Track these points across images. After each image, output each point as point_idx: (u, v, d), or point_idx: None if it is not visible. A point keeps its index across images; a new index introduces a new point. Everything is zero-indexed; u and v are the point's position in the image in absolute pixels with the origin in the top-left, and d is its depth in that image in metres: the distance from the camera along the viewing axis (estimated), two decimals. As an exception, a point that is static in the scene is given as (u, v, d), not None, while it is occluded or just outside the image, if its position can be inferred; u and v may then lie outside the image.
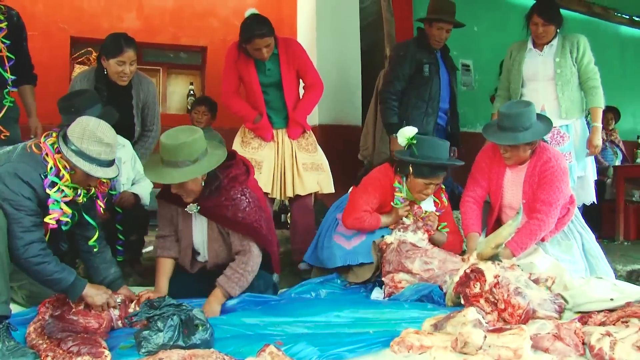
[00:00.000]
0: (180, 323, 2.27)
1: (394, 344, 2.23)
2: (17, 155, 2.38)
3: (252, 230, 2.80)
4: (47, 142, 2.42)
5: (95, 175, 2.41)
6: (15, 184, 2.30)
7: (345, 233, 3.33)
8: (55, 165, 2.39)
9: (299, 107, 3.86)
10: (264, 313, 2.70)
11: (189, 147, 2.62)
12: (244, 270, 2.78)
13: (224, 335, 2.42)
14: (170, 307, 2.33)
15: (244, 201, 2.76)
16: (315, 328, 2.54)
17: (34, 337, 2.24)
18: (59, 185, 2.38)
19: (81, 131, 2.39)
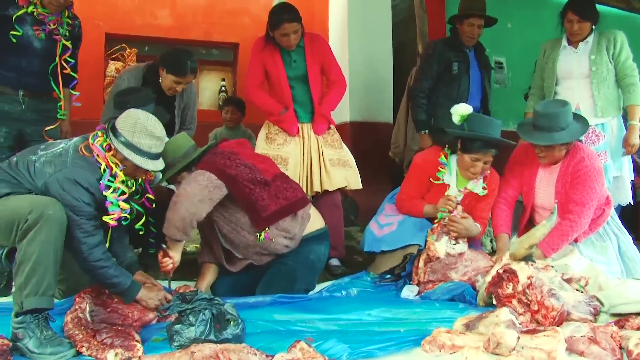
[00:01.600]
0: (212, 317, 2.29)
1: (425, 343, 2.21)
2: (71, 159, 2.42)
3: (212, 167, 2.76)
4: (97, 142, 2.47)
5: (146, 167, 2.48)
6: (75, 190, 2.35)
7: (380, 221, 3.35)
8: (107, 165, 2.44)
9: (325, 101, 3.84)
10: (295, 310, 2.70)
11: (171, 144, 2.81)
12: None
13: (255, 331, 2.44)
14: (202, 301, 2.35)
15: (207, 157, 2.81)
16: (346, 326, 2.55)
17: (71, 327, 2.28)
18: (113, 186, 2.43)
19: (132, 125, 2.46)
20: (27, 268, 2.19)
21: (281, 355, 1.99)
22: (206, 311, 2.29)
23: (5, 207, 2.30)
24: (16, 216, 2.24)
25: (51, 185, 2.34)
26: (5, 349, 2.10)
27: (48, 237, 2.22)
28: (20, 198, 2.33)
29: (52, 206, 2.26)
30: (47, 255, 2.22)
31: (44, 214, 2.21)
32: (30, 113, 3.33)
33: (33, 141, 3.32)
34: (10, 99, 3.27)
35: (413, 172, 3.38)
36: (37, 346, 2.16)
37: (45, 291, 2.22)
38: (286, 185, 2.95)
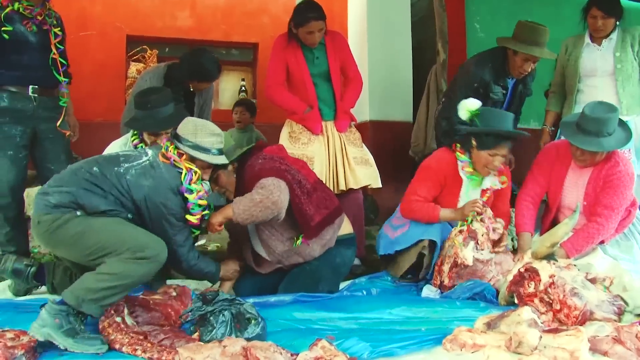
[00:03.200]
0: (231, 318, 2.31)
1: (446, 342, 2.21)
2: (166, 170, 2.55)
3: (274, 173, 2.76)
4: (170, 151, 2.59)
5: (214, 162, 2.63)
6: (176, 199, 2.54)
7: (394, 223, 3.32)
8: (187, 170, 2.56)
9: (345, 98, 3.85)
10: (315, 308, 2.72)
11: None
12: (254, 191, 2.71)
13: (275, 329, 2.45)
14: (223, 302, 2.38)
15: (256, 160, 2.85)
16: (366, 324, 2.55)
17: (111, 332, 2.29)
18: (194, 189, 2.56)
19: (193, 127, 2.62)
20: (112, 283, 2.28)
21: (304, 353, 2.00)
22: (225, 312, 2.31)
23: (115, 232, 2.39)
24: (128, 244, 2.34)
25: (153, 196, 2.49)
26: (33, 345, 2.14)
27: (147, 274, 2.40)
28: (135, 229, 2.45)
29: (164, 249, 2.43)
30: (134, 284, 2.36)
31: (157, 255, 2.38)
32: (42, 110, 3.41)
33: (47, 139, 3.44)
34: (22, 97, 3.34)
35: (426, 173, 3.26)
36: (71, 336, 2.19)
37: (106, 305, 2.30)
38: (324, 195, 2.97)
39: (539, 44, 3.60)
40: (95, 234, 2.37)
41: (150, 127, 3.05)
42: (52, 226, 2.40)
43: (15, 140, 3.33)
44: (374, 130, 5.21)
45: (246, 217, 2.69)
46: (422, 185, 3.24)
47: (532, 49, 3.58)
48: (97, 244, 2.36)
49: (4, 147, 3.31)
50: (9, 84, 3.32)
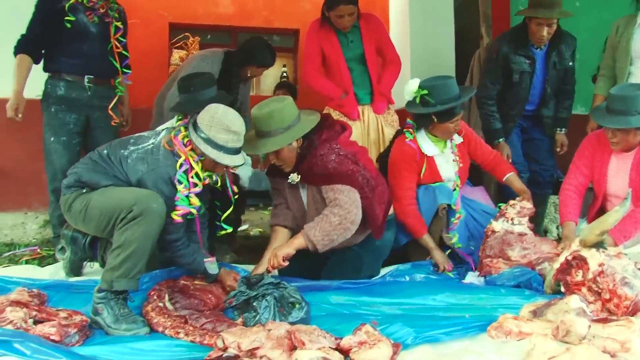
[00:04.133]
0: (275, 302, 2.33)
1: (491, 329, 2.18)
2: (163, 157, 2.51)
3: (346, 179, 2.66)
4: (179, 137, 2.54)
5: (221, 162, 2.49)
6: (168, 190, 2.47)
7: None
8: (186, 160, 2.50)
9: (383, 80, 3.82)
10: (359, 293, 2.72)
11: (280, 113, 2.64)
12: (329, 212, 2.64)
13: (319, 314, 2.47)
14: (268, 285, 2.39)
15: (333, 154, 2.69)
16: (410, 310, 2.55)
17: (154, 316, 2.35)
18: (185, 182, 2.49)
19: (210, 119, 2.49)
20: (125, 254, 2.33)
21: (348, 337, 2.00)
22: (269, 297, 2.33)
23: (108, 198, 2.44)
24: (118, 207, 2.38)
25: (146, 182, 2.46)
26: (85, 324, 2.23)
27: (149, 230, 2.36)
28: (123, 190, 2.46)
29: (156, 200, 2.39)
30: (145, 245, 2.36)
31: (149, 208, 2.35)
32: (96, 99, 3.52)
33: (98, 128, 3.56)
34: (78, 86, 3.47)
35: (397, 168, 3.26)
36: (113, 321, 2.29)
37: (135, 275, 2.36)
38: (382, 188, 2.94)
39: (548, 5, 3.57)
40: (96, 205, 2.45)
41: (191, 110, 3.03)
42: (65, 206, 2.55)
43: (69, 127, 3.46)
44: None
45: (327, 242, 2.63)
46: (401, 182, 3.23)
47: (539, 11, 3.58)
48: (99, 214, 2.44)
49: (58, 133, 3.45)
50: (67, 72, 3.45)
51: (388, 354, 1.95)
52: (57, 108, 3.44)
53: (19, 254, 3.68)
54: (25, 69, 3.39)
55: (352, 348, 1.97)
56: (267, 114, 2.64)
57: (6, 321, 2.11)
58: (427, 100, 3.14)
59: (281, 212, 2.95)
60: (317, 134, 2.73)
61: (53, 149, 3.45)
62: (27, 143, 4.41)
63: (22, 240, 4.10)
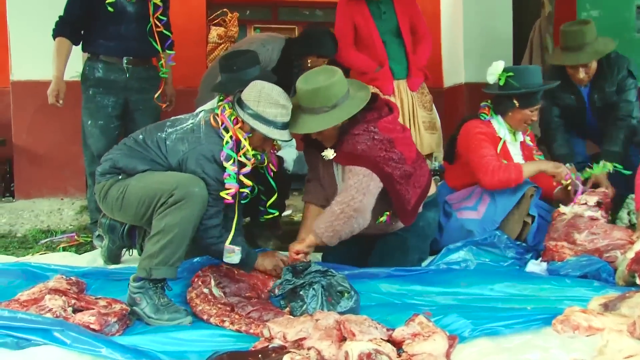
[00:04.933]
0: (322, 291, 2.33)
1: (556, 323, 2.11)
2: (205, 135, 2.53)
3: (369, 164, 2.61)
4: (225, 114, 2.56)
5: (272, 137, 2.53)
6: (211, 167, 2.48)
7: (467, 205, 3.27)
8: (234, 136, 2.52)
9: (419, 52, 3.80)
10: (410, 282, 2.71)
11: (327, 91, 2.59)
12: (334, 201, 2.63)
13: (369, 304, 2.46)
14: (315, 273, 2.40)
15: (367, 137, 2.64)
16: (466, 301, 2.52)
17: (199, 303, 2.37)
18: (234, 158, 2.51)
19: (257, 94, 2.51)
20: (165, 240, 2.34)
21: (401, 329, 1.98)
22: (316, 285, 2.34)
23: (147, 183, 2.46)
24: (159, 191, 2.39)
25: (188, 162, 2.48)
26: (125, 313, 2.26)
27: (191, 214, 2.37)
28: (163, 174, 2.48)
29: (197, 183, 2.41)
30: (185, 231, 2.37)
31: (190, 192, 2.37)
32: (134, 81, 3.56)
33: (137, 110, 3.60)
34: (116, 68, 3.51)
35: (475, 140, 3.23)
36: (154, 312, 2.31)
37: (174, 262, 2.37)
38: (421, 171, 2.88)
39: (575, 48, 3.50)
40: (134, 192, 2.46)
41: (233, 90, 3.04)
42: (101, 194, 2.56)
43: (107, 110, 3.52)
44: (469, 94, 5.11)
45: (331, 234, 2.61)
46: (485, 148, 3.20)
47: (566, 57, 3.55)
48: (137, 201, 2.44)
49: (95, 117, 3.52)
50: (105, 53, 3.51)
51: (444, 347, 1.91)
52: (95, 91, 3.51)
53: (56, 241, 3.80)
54: (65, 52, 3.47)
55: (405, 340, 1.95)
56: (313, 91, 2.61)
57: (45, 309, 2.16)
58: (511, 83, 3.20)
59: (314, 189, 2.97)
60: (362, 113, 2.68)
61: (90, 132, 3.53)
62: (63, 126, 4.53)
63: (59, 227, 4.22)
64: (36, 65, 4.37)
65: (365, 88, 2.77)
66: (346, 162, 2.67)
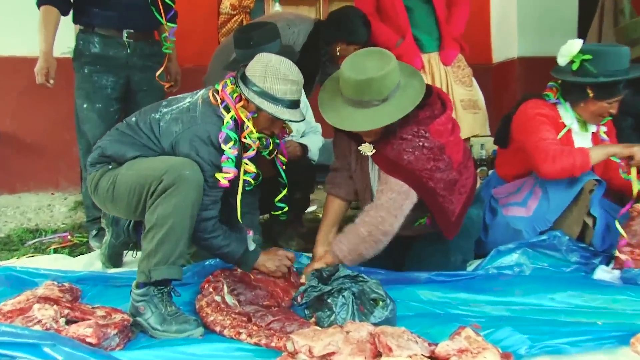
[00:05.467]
0: (353, 299, 2.32)
1: (636, 342, 2.08)
2: (201, 114, 2.54)
3: (414, 180, 2.61)
4: (227, 90, 2.57)
5: (281, 117, 2.53)
6: (206, 150, 2.49)
7: (516, 200, 3.26)
8: (237, 116, 2.53)
9: (453, 21, 3.75)
10: (455, 289, 2.71)
11: (380, 83, 2.53)
12: (360, 221, 2.64)
13: (407, 314, 2.47)
14: (343, 279, 2.39)
15: (415, 144, 2.62)
16: (522, 312, 2.50)
17: (210, 313, 2.37)
18: (235, 140, 2.51)
19: (263, 69, 2.51)
20: (161, 234, 2.34)
21: (445, 343, 1.96)
22: (346, 292, 2.33)
23: (134, 171, 2.47)
24: (148, 178, 2.40)
25: (180, 145, 2.49)
26: (127, 324, 2.26)
27: (185, 201, 2.36)
28: (152, 160, 2.50)
29: (190, 166, 2.41)
30: (182, 220, 2.36)
31: (181, 175, 2.36)
32: (137, 58, 3.56)
33: (141, 91, 3.59)
34: (115, 42, 3.50)
35: (534, 122, 3.17)
36: (160, 322, 2.31)
37: (176, 260, 2.37)
38: (467, 173, 2.87)
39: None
40: (123, 181, 2.48)
41: None
42: (92, 186, 2.59)
43: (106, 91, 3.52)
44: (523, 70, 5.07)
45: (355, 257, 2.65)
46: (545, 131, 3.13)
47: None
48: (128, 191, 2.47)
49: (92, 100, 3.50)
50: (102, 26, 3.49)
51: (496, 366, 1.90)
52: (90, 69, 3.50)
53: (46, 242, 3.83)
54: (52, 23, 3.45)
55: (450, 357, 1.93)
56: (365, 83, 2.52)
57: (34, 321, 2.16)
58: (586, 69, 3.10)
59: (341, 180, 2.97)
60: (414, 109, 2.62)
61: (86, 117, 3.52)
62: (54, 110, 4.57)
63: (49, 225, 4.26)
64: (20, 38, 4.39)
65: (417, 75, 2.72)
66: (386, 170, 2.67)
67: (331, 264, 2.62)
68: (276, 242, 3.51)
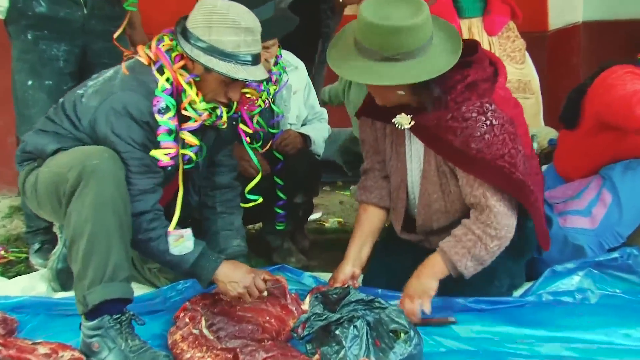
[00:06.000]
0: (368, 330, 2.32)
1: None
2: (120, 81, 2.51)
3: (495, 172, 2.62)
4: (162, 47, 2.54)
5: (235, 76, 2.47)
6: (125, 125, 2.46)
7: (577, 207, 3.26)
8: (174, 79, 2.50)
9: None
10: (498, 321, 2.72)
11: (411, 33, 2.49)
12: (482, 233, 2.66)
13: (436, 350, 2.49)
14: (354, 304, 2.39)
15: (482, 124, 2.60)
16: (587, 352, 2.49)
17: (186, 349, 2.37)
18: (172, 106, 2.48)
19: (207, 17, 2.47)
20: (82, 246, 2.31)
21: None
22: (358, 321, 2.32)
23: (48, 168, 2.48)
24: (57, 178, 2.39)
25: (97, 123, 2.47)
26: (78, 363, 2.25)
27: (100, 197, 2.32)
28: (65, 153, 2.47)
29: (97, 154, 2.38)
30: (103, 221, 2.32)
31: (86, 167, 2.33)
32: (96, 21, 3.54)
33: (100, 64, 3.47)
34: (68, 1, 3.45)
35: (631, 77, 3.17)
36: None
37: (113, 274, 2.33)
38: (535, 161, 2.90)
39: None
40: (42, 181, 2.48)
41: None
42: (20, 189, 2.62)
43: (58, 64, 3.48)
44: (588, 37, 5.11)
45: (477, 267, 2.72)
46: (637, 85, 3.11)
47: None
48: (47, 195, 2.47)
49: (40, 74, 3.46)
50: None
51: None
52: (36, 35, 3.45)
53: (-28, 260, 3.77)
54: None
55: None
56: (393, 31, 2.48)
57: (-47, 361, 2.14)
58: None
59: (375, 184, 3.00)
60: (457, 69, 2.61)
61: (32, 98, 3.47)
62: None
63: (-23, 237, 4.19)
64: None
65: (450, 27, 2.70)
66: (458, 163, 2.71)
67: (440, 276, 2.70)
68: (271, 258, 3.52)
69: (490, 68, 2.70)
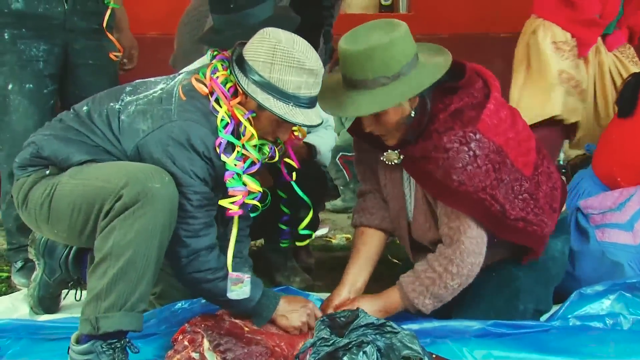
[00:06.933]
0: (379, 357, 2.30)
1: None
2: (178, 108, 2.46)
3: (474, 205, 2.64)
4: (218, 79, 2.49)
5: (292, 120, 2.45)
6: (187, 158, 2.43)
7: (617, 220, 3.26)
8: (232, 115, 2.46)
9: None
10: (520, 347, 2.70)
11: (386, 52, 2.52)
12: (443, 270, 2.70)
13: (453, 381, 2.44)
14: (365, 329, 2.38)
15: (465, 155, 2.60)
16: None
17: None
18: (238, 148, 2.46)
19: (270, 53, 2.43)
20: (116, 268, 2.28)
21: None
22: (368, 347, 2.30)
23: (80, 180, 2.41)
24: (101, 192, 2.33)
25: (149, 149, 2.43)
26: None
27: (153, 224, 2.31)
28: (106, 166, 2.43)
29: (160, 177, 2.35)
30: (147, 250, 2.32)
31: (146, 189, 2.30)
32: (78, 18, 3.47)
33: (82, 65, 3.51)
34: None
35: None
36: None
37: (135, 304, 2.32)
38: (550, 183, 2.89)
39: None
40: (66, 194, 2.41)
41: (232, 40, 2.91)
42: (19, 197, 2.54)
43: (37, 66, 3.42)
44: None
45: (437, 306, 2.76)
46: None
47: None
48: (71, 209, 2.40)
49: (19, 78, 3.40)
50: None
51: None
52: (13, 33, 3.40)
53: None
54: None
55: None
56: (365, 53, 2.53)
57: None
58: None
59: (372, 205, 3.03)
60: (443, 95, 2.67)
61: (13, 104, 3.42)
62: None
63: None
64: None
65: (443, 52, 2.71)
66: (436, 194, 2.74)
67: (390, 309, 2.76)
68: (273, 278, 3.50)
69: (481, 92, 2.70)
